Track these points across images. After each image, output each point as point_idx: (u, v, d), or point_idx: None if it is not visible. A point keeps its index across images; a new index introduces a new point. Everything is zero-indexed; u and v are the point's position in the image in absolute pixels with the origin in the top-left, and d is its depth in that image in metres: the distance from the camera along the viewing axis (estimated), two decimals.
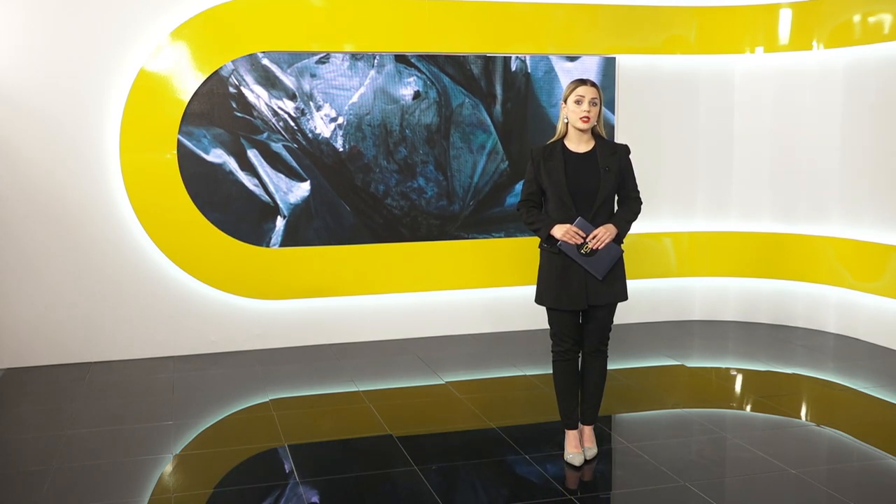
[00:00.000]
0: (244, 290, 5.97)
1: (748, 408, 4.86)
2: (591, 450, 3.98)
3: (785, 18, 6.39)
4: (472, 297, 6.42)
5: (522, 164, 6.26)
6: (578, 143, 3.80)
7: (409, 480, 3.79)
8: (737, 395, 5.15)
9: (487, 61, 6.20)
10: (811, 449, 4.19)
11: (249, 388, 5.19)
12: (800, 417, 4.70)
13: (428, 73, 6.11)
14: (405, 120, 6.10)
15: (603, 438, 4.26)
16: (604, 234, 3.70)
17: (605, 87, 6.33)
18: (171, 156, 5.70)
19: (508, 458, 4.03)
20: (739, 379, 5.49)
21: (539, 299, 3.85)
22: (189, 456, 4.15)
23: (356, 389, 5.12)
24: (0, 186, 5.51)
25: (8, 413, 4.84)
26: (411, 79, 6.09)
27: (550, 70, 6.32)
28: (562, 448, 4.01)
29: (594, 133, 3.81)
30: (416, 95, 6.06)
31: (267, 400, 4.94)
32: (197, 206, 5.77)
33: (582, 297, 3.75)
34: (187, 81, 5.68)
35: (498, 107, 6.28)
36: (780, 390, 5.23)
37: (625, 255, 3.83)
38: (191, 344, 5.92)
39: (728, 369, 5.70)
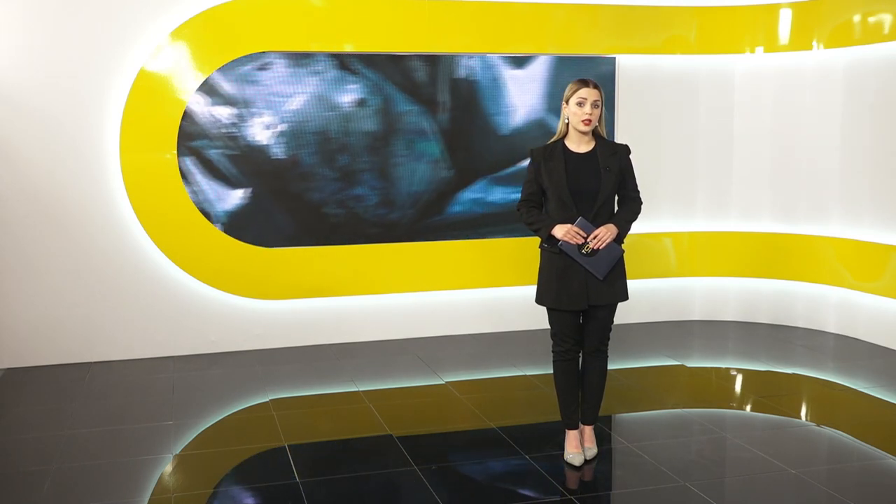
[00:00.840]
0: (244, 290, 5.97)
1: (748, 408, 4.86)
2: (592, 450, 3.98)
3: (785, 18, 6.39)
4: (472, 297, 6.42)
5: (468, 173, 6.20)
6: (579, 144, 3.79)
7: (409, 480, 3.79)
8: (737, 395, 5.15)
9: (434, 68, 6.05)
10: (811, 449, 4.19)
11: (249, 388, 5.19)
12: (800, 417, 4.71)
13: (372, 80, 5.95)
14: (346, 127, 5.94)
15: (603, 438, 4.26)
16: (605, 233, 3.70)
17: (557, 93, 6.19)
18: (171, 156, 5.70)
19: (508, 458, 4.03)
20: (739, 379, 5.49)
21: (539, 299, 3.85)
22: (189, 456, 4.15)
23: (356, 389, 5.12)
24: (0, 186, 5.51)
25: (8, 413, 4.84)
26: (354, 85, 5.92)
27: (498, 77, 6.17)
28: (562, 448, 4.01)
29: (595, 133, 3.81)
30: (359, 102, 5.93)
31: (267, 400, 4.94)
32: (196, 205, 5.78)
33: (582, 297, 3.75)
34: (187, 81, 5.68)
35: (443, 114, 6.12)
36: (780, 390, 5.23)
37: (625, 255, 3.83)
38: (191, 344, 5.92)
39: (728, 369, 5.70)
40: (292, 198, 5.92)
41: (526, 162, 6.09)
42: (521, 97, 6.25)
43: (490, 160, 6.27)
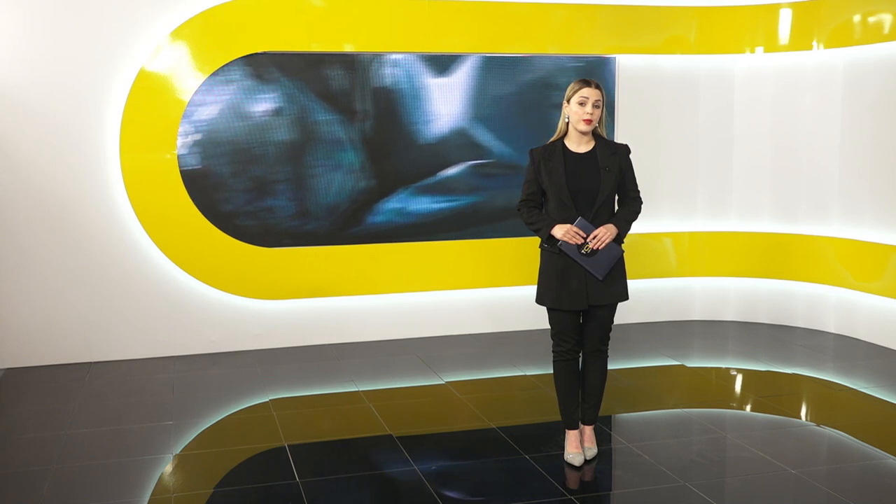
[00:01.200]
0: (244, 290, 5.97)
1: (748, 408, 4.86)
2: (592, 450, 3.98)
3: (785, 18, 6.39)
4: (472, 297, 6.42)
5: (389, 182, 6.07)
6: (579, 143, 3.80)
7: (409, 480, 3.79)
8: (737, 395, 5.15)
9: (354, 76, 5.90)
10: (811, 449, 4.19)
11: (249, 388, 5.19)
12: (800, 417, 4.71)
13: (289, 89, 5.83)
14: (262, 137, 5.81)
15: (603, 438, 4.26)
16: (604, 234, 3.70)
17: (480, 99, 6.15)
18: (171, 156, 5.70)
19: (508, 458, 4.03)
20: (739, 379, 5.49)
21: (539, 299, 3.85)
22: (189, 456, 4.15)
23: (356, 389, 5.12)
24: (0, 186, 5.51)
25: (8, 413, 4.84)
26: (271, 94, 5.80)
27: (421, 86, 6.03)
28: (562, 448, 4.01)
29: (595, 133, 3.81)
30: (275, 112, 5.79)
31: (267, 400, 4.94)
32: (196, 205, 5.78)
33: (582, 298, 3.75)
34: (187, 81, 5.68)
35: (363, 123, 5.97)
36: (780, 390, 5.23)
37: (625, 255, 3.83)
38: (191, 344, 5.92)
39: (728, 369, 5.70)
40: (205, 208, 5.80)
41: (450, 170, 6.09)
42: (445, 105, 6.09)
43: (412, 169, 6.10)
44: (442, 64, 6.09)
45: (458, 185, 6.23)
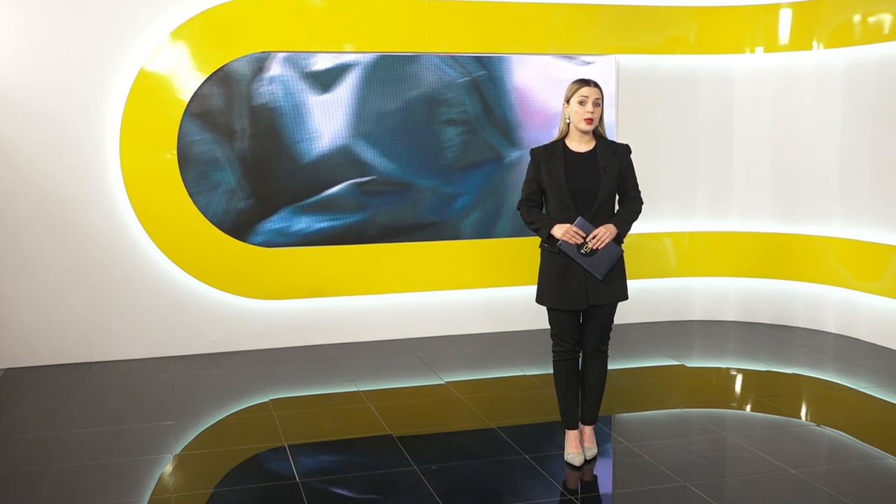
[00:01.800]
0: (244, 290, 5.97)
1: (748, 408, 4.86)
2: (592, 450, 3.98)
3: (785, 18, 6.39)
4: (472, 297, 6.42)
5: (270, 202, 5.89)
6: (579, 143, 3.80)
7: (409, 480, 3.79)
8: (737, 395, 5.15)
9: (231, 94, 5.73)
10: (811, 449, 4.19)
11: (249, 388, 5.19)
12: (800, 417, 4.70)
13: None
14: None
15: (603, 438, 4.26)
16: (604, 233, 3.70)
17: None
18: (171, 156, 5.70)
19: (508, 458, 4.03)
20: (739, 379, 5.49)
21: (539, 299, 3.85)
22: (189, 456, 4.15)
23: (356, 389, 5.12)
24: (0, 186, 5.51)
25: (8, 413, 4.84)
26: None
27: (301, 104, 5.85)
28: (562, 448, 4.01)
29: (595, 133, 3.82)
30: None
31: (267, 400, 4.94)
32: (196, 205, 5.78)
33: (582, 297, 3.75)
34: (187, 81, 5.68)
35: (240, 142, 5.79)
36: (780, 390, 5.23)
37: (625, 255, 3.83)
38: (191, 344, 5.92)
39: (728, 369, 5.70)
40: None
41: (333, 189, 5.93)
42: (326, 123, 5.93)
43: (293, 189, 5.92)
44: (323, 81, 5.88)
45: (341, 204, 6.01)
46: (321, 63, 5.91)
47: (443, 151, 6.18)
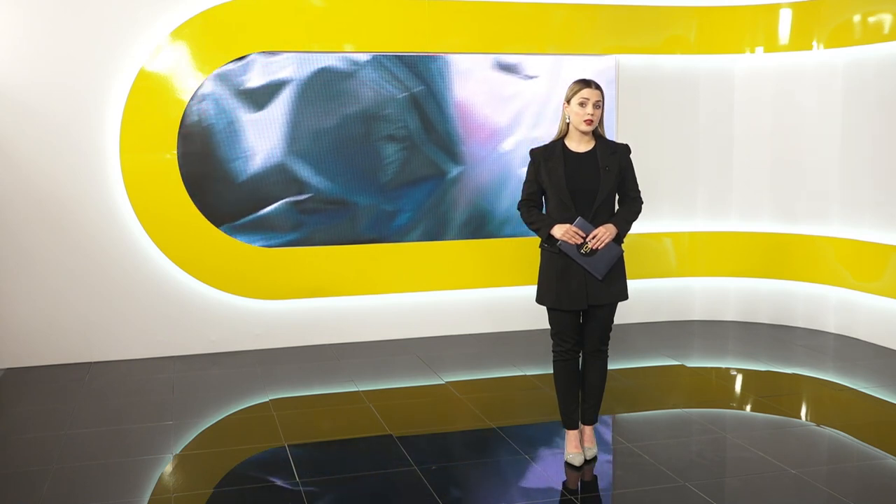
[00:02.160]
0: (244, 290, 5.97)
1: (748, 408, 4.86)
2: (592, 450, 3.98)
3: (785, 18, 6.39)
4: (472, 297, 6.42)
5: (209, 219, 5.79)
6: (579, 143, 3.80)
7: (409, 480, 3.79)
8: (737, 395, 5.15)
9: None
10: (811, 449, 4.19)
11: (249, 388, 5.19)
12: (800, 417, 4.70)
13: None
14: None
15: (603, 438, 4.26)
16: (604, 233, 3.70)
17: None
18: (171, 156, 5.70)
19: (508, 458, 4.03)
20: (739, 379, 5.49)
21: (539, 299, 3.85)
22: (189, 456, 4.15)
23: (356, 389, 5.12)
24: (0, 186, 5.51)
25: (8, 413, 4.84)
26: None
27: (234, 122, 5.75)
28: (562, 448, 4.01)
29: (595, 133, 3.82)
30: None
31: (267, 400, 4.94)
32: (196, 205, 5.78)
33: (582, 297, 3.75)
34: (187, 81, 5.68)
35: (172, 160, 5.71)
36: (780, 390, 5.23)
37: (625, 255, 3.83)
38: (191, 344, 5.92)
39: (728, 369, 5.70)
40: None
41: (268, 208, 5.81)
42: (261, 141, 5.81)
43: (228, 208, 5.84)
44: (257, 99, 5.78)
45: (277, 223, 5.93)
46: (254, 80, 5.79)
47: (382, 168, 6.06)
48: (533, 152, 3.85)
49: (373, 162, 6.06)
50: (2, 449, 4.29)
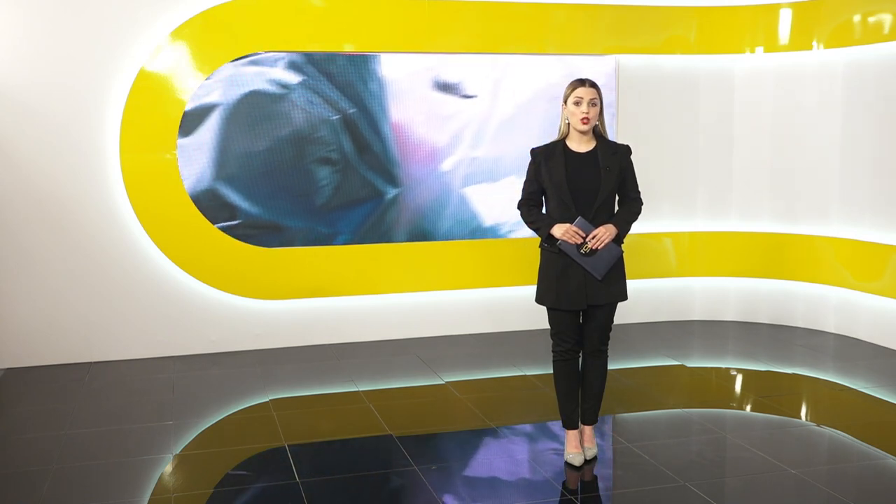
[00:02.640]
0: (244, 290, 5.97)
1: (748, 408, 4.86)
2: (592, 450, 3.98)
3: (785, 18, 6.39)
4: (472, 297, 6.42)
5: None
6: (580, 143, 3.80)
7: (409, 480, 3.79)
8: (737, 395, 5.15)
9: None
10: (811, 449, 4.19)
11: (249, 388, 5.19)
12: (800, 417, 4.71)
13: None
14: None
15: (603, 438, 4.26)
16: (604, 233, 3.70)
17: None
18: (171, 156, 5.70)
19: (508, 458, 4.03)
20: (739, 379, 5.49)
21: (539, 299, 3.85)
22: (189, 456, 4.15)
23: (356, 389, 5.12)
24: (0, 186, 5.51)
25: (8, 413, 4.84)
26: None
27: None
28: (562, 448, 4.01)
29: (596, 133, 3.82)
30: None
31: (267, 400, 4.94)
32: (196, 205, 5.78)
33: (582, 297, 3.75)
34: (187, 81, 5.68)
35: None
36: (780, 390, 5.23)
37: (625, 255, 3.83)
38: (191, 344, 5.92)
39: (728, 369, 5.70)
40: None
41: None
42: (189, 167, 5.72)
43: None
44: (184, 125, 5.67)
45: None
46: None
47: (317, 191, 5.96)
48: (534, 152, 3.85)
49: (306, 185, 5.94)
50: (2, 449, 4.29)
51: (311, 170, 5.95)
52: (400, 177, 6.15)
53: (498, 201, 6.31)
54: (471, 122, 6.24)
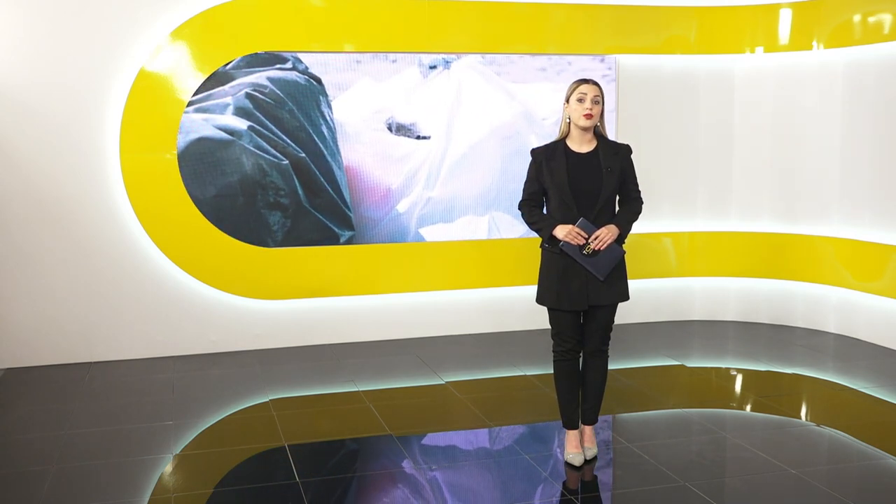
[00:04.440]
0: (244, 290, 5.97)
1: (748, 408, 4.86)
2: (592, 450, 3.98)
3: (785, 18, 6.39)
4: (472, 297, 6.42)
5: None
6: (581, 143, 3.79)
7: (409, 480, 3.79)
8: (737, 395, 5.15)
9: None
10: (811, 449, 4.20)
11: (249, 388, 5.19)
12: (800, 417, 4.71)
13: None
14: None
15: (603, 438, 4.26)
16: (606, 234, 3.70)
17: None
18: (171, 156, 5.70)
19: (508, 458, 4.03)
20: (739, 379, 5.49)
21: (540, 299, 3.85)
22: (189, 456, 4.15)
23: (356, 389, 5.12)
24: (0, 186, 5.51)
25: (8, 413, 4.84)
26: None
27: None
28: (562, 448, 4.01)
29: (596, 133, 3.82)
30: None
31: (267, 400, 4.94)
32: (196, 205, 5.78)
33: (583, 298, 3.75)
34: (187, 81, 5.68)
35: None
36: (780, 390, 5.23)
37: (626, 255, 3.83)
38: (191, 344, 5.92)
39: (728, 369, 5.70)
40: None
41: None
42: None
43: None
44: None
45: None
46: None
47: (271, 234, 5.91)
48: (534, 152, 3.85)
49: (258, 229, 5.89)
50: (2, 449, 4.29)
51: (262, 215, 5.88)
52: (352, 219, 6.06)
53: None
54: (425, 163, 6.16)
